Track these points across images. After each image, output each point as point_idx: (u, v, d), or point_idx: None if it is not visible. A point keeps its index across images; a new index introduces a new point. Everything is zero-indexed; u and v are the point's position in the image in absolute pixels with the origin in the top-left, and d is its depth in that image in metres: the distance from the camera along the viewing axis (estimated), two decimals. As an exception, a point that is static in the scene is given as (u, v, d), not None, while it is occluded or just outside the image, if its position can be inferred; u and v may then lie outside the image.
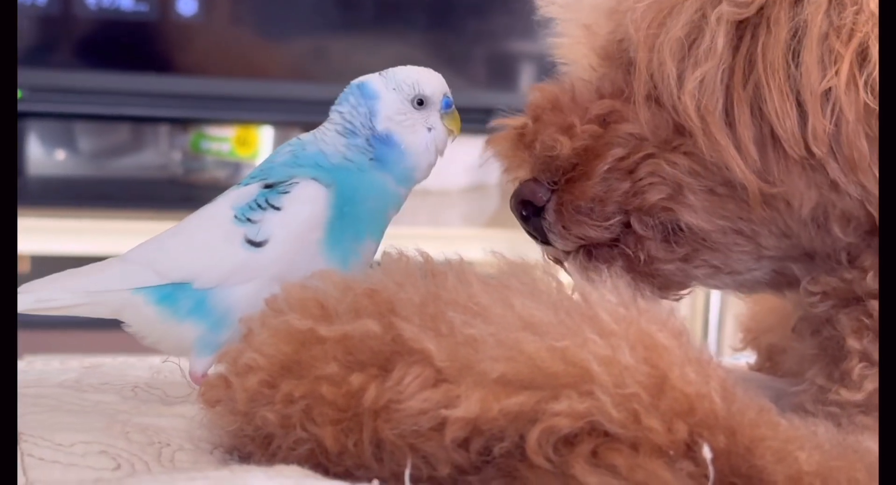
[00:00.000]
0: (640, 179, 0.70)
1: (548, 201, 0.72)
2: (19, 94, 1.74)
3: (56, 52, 1.82)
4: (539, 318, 0.59)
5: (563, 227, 0.71)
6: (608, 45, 0.73)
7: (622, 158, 0.70)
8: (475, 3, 1.91)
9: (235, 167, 1.92)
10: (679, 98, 0.67)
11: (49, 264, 1.88)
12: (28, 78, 1.75)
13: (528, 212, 0.73)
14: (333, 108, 0.74)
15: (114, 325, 0.71)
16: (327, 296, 0.62)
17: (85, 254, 1.74)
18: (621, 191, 0.70)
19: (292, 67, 1.89)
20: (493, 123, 0.75)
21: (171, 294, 0.69)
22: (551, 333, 0.58)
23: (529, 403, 0.56)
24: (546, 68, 0.78)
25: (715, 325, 1.83)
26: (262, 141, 1.92)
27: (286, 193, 0.70)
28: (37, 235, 1.69)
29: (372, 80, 0.73)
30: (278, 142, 1.96)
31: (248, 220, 0.69)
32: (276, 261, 0.68)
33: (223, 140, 1.91)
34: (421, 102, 0.73)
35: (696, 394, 0.56)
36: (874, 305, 0.66)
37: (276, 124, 1.94)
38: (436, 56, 1.92)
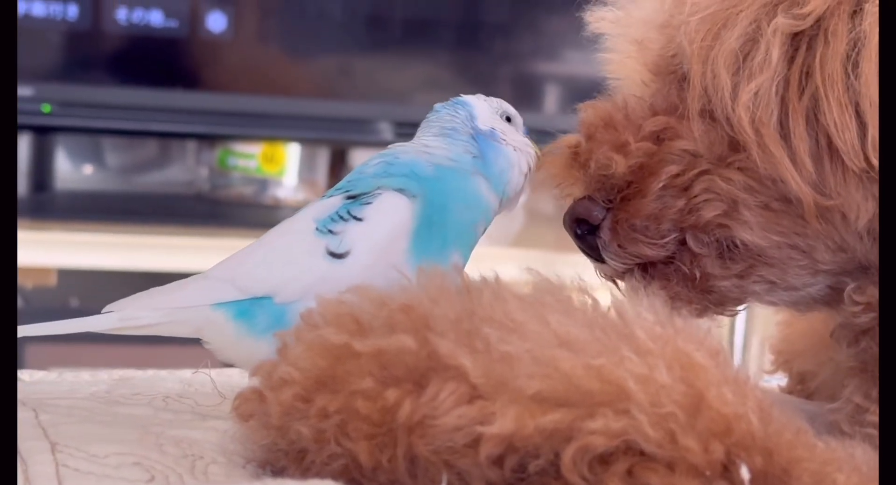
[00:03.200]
0: (695, 196, 0.69)
1: (603, 220, 0.71)
2: (48, 108, 1.75)
3: (85, 67, 1.83)
4: (575, 335, 0.59)
5: (619, 245, 0.71)
6: (660, 60, 0.73)
7: (677, 175, 0.70)
8: (502, 23, 1.91)
9: (262, 184, 1.92)
10: (733, 111, 0.67)
11: (75, 278, 1.89)
12: (57, 93, 1.76)
13: (583, 230, 0.72)
14: (425, 122, 0.74)
15: (140, 340, 0.71)
16: (362, 311, 0.62)
17: (111, 268, 1.75)
18: (676, 208, 0.70)
19: (319, 85, 1.90)
20: (549, 146, 0.75)
21: (249, 310, 0.69)
22: (587, 350, 0.58)
23: (565, 420, 0.56)
24: (571, 90, 0.78)
25: (740, 347, 1.83)
26: (288, 158, 1.93)
27: (369, 204, 0.70)
28: (64, 248, 1.70)
29: (459, 97, 0.75)
30: (305, 159, 1.96)
31: (330, 231, 0.69)
32: (359, 272, 0.68)
33: (250, 157, 1.91)
34: (508, 120, 0.74)
35: (733, 414, 0.56)
36: None
37: (303, 141, 1.94)
38: (462, 76, 1.92)
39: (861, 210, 0.66)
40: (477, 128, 0.73)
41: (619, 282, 0.74)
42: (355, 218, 0.69)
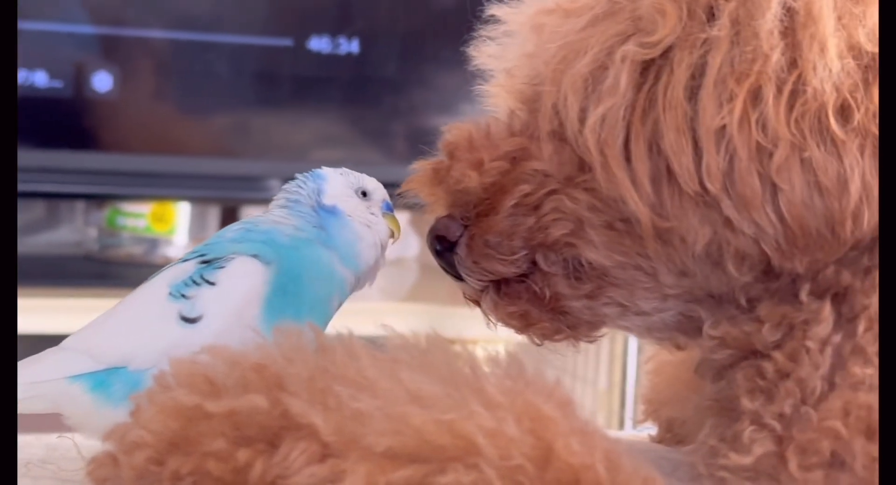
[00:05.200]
0: (545, 215, 0.71)
1: (461, 237, 0.72)
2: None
3: (-30, 128, 1.81)
4: (426, 391, 0.59)
5: (473, 261, 0.73)
6: (525, 88, 0.74)
7: (528, 194, 0.71)
8: (391, 79, 1.92)
9: (152, 243, 1.91)
10: (580, 132, 0.68)
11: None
12: (-59, 155, 1.74)
13: (443, 247, 0.74)
14: (278, 193, 0.75)
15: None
16: (216, 371, 0.62)
17: None
18: (527, 226, 0.71)
19: (210, 143, 1.90)
20: (413, 165, 0.77)
21: (105, 380, 0.68)
22: (438, 406, 0.58)
23: (416, 476, 0.56)
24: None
25: (632, 396, 1.84)
26: (178, 217, 1.91)
27: (222, 268, 0.70)
28: (-53, 313, 1.67)
29: (321, 168, 0.76)
30: (195, 218, 1.95)
31: (183, 296, 0.69)
32: (212, 337, 0.67)
33: (139, 216, 1.90)
34: (364, 195, 0.75)
35: (580, 465, 0.57)
36: (768, 366, 0.67)
37: (193, 200, 1.93)
38: (354, 131, 1.93)
39: (698, 234, 0.67)
40: (320, 202, 0.74)
41: (480, 304, 0.75)
42: (208, 282, 0.69)
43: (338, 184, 0.75)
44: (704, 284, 0.69)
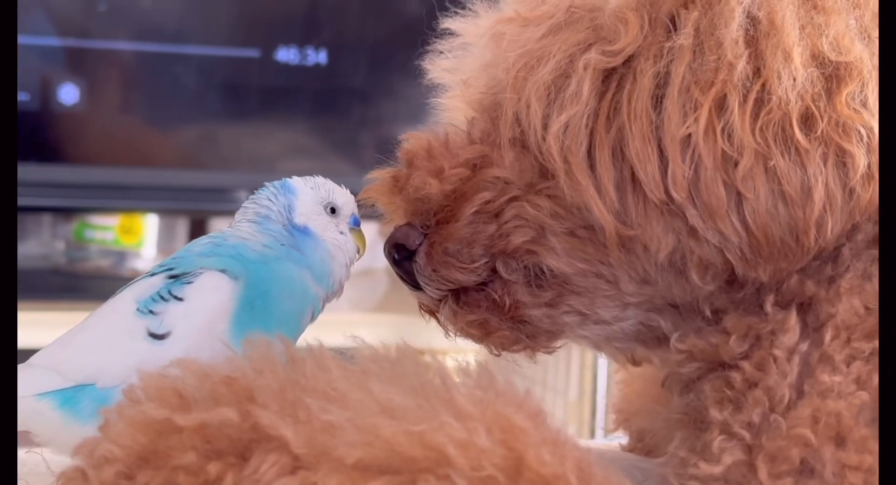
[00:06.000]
0: (506, 222, 0.71)
1: (420, 245, 0.72)
2: None
3: (-64, 142, 1.80)
4: (397, 402, 0.59)
5: (433, 269, 0.72)
6: (484, 97, 0.75)
7: (489, 202, 0.71)
8: (359, 89, 1.92)
9: (120, 256, 1.90)
10: (543, 139, 0.68)
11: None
12: None
13: (401, 256, 0.73)
14: (245, 204, 0.75)
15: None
16: (186, 384, 0.62)
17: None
18: (487, 233, 0.71)
19: (177, 155, 1.89)
20: (371, 174, 0.76)
21: (74, 397, 0.68)
22: (409, 417, 0.58)
23: (388, 488, 0.56)
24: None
25: (603, 406, 1.84)
26: (146, 229, 1.91)
27: (189, 283, 0.69)
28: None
29: (291, 179, 0.75)
30: (163, 230, 1.95)
31: (151, 312, 0.69)
32: (180, 353, 0.67)
33: (107, 229, 1.89)
34: (333, 211, 0.75)
35: (552, 475, 0.57)
36: (736, 376, 0.67)
37: (161, 212, 1.93)
38: (323, 142, 1.93)
39: (661, 243, 0.67)
40: (292, 220, 0.73)
41: (437, 315, 0.75)
42: (176, 298, 0.69)
43: (308, 200, 0.74)
44: (666, 292, 0.70)
